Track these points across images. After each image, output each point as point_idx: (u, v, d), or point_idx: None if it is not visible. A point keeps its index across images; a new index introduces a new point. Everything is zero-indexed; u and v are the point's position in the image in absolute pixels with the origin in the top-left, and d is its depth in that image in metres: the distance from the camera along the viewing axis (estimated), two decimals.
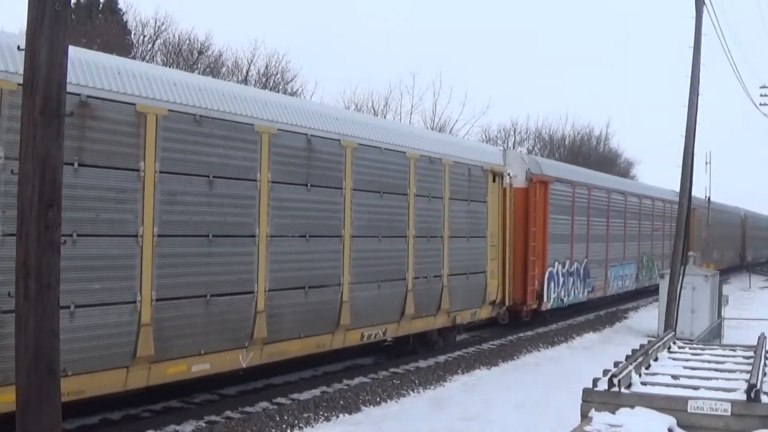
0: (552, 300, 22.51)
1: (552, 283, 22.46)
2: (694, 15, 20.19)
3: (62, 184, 6.54)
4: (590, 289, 25.57)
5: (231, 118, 11.26)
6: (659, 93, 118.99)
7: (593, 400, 7.42)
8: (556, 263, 22.74)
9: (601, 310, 28.06)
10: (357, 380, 14.48)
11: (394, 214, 15.05)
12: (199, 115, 10.71)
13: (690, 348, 10.61)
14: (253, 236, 11.61)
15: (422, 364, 16.43)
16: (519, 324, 21.76)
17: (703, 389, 7.59)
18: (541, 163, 22.82)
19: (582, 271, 24.82)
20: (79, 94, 9.06)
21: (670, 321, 19.67)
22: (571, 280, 23.91)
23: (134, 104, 9.78)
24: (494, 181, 18.68)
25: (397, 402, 13.65)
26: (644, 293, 33.71)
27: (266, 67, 39.15)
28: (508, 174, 19.59)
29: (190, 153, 10.58)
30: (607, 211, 27.19)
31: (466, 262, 17.54)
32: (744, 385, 7.30)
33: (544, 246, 21.87)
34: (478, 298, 18.23)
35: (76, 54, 9.02)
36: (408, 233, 15.40)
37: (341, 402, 12.94)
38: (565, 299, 23.43)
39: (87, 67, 9.32)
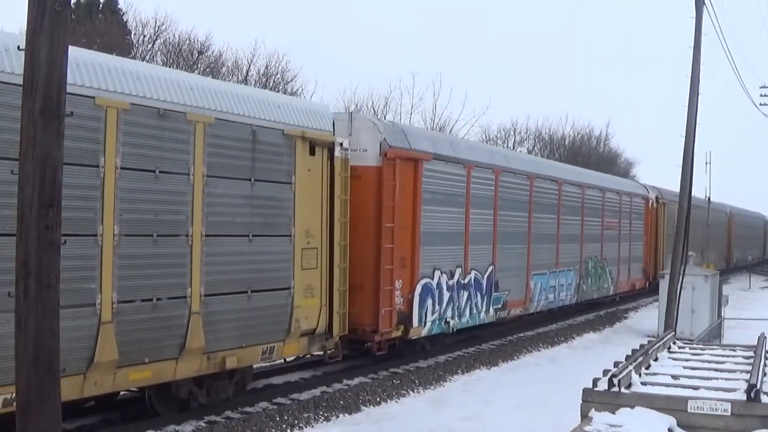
0: (429, 323, 16.11)
1: (429, 301, 16.09)
2: (694, 15, 20.21)
3: (62, 184, 6.54)
4: (500, 306, 19.09)
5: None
6: (659, 93, 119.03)
7: (593, 400, 7.43)
8: (438, 273, 16.39)
9: (601, 310, 28.05)
10: (357, 380, 14.48)
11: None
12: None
13: (690, 348, 10.61)
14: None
15: (422, 364, 16.43)
16: (377, 359, 15.70)
17: (703, 389, 7.59)
18: (409, 133, 16.21)
19: (485, 283, 18.27)
20: None
21: (670, 321, 19.68)
22: (466, 294, 17.41)
23: None
24: (312, 153, 12.85)
25: (397, 402, 13.66)
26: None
27: (266, 67, 39.16)
28: (341, 145, 13.54)
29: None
30: (528, 204, 20.63)
31: (248, 274, 11.62)
32: (744, 385, 7.31)
33: (414, 249, 15.59)
34: (276, 328, 12.15)
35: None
36: (101, 230, 9.59)
37: (341, 402, 12.95)
38: (453, 321, 16.92)
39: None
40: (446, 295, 16.73)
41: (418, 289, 15.74)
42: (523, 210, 20.48)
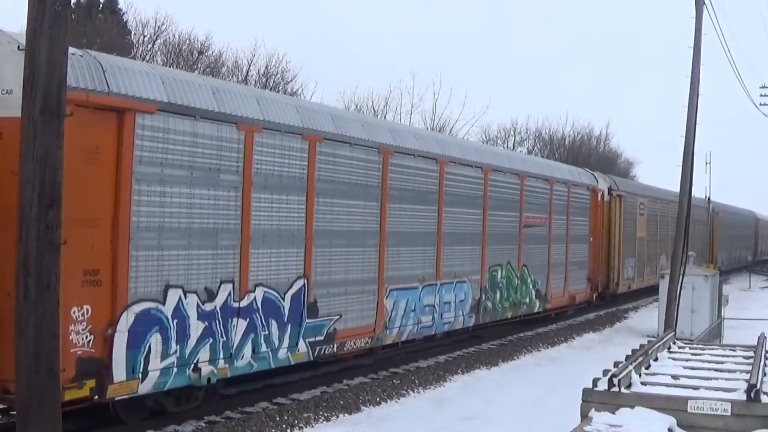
0: (156, 374, 9.95)
1: (156, 337, 9.89)
2: (694, 15, 20.23)
3: (62, 184, 6.54)
4: (322, 338, 12.89)
5: None
6: (659, 93, 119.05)
7: (593, 400, 7.43)
8: (176, 293, 10.25)
9: (602, 311, 28.06)
10: (357, 380, 14.48)
11: None
12: None
13: (690, 348, 10.62)
14: None
15: (422, 364, 16.42)
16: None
17: (703, 389, 7.60)
18: (114, 67, 9.49)
19: (289, 305, 12.16)
20: None
21: (670, 321, 19.68)
22: (244, 324, 11.27)
23: None
24: None
25: (397, 402, 13.65)
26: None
27: (266, 67, 39.15)
28: None
29: None
30: (381, 190, 14.24)
31: None
32: (744, 385, 7.31)
33: (117, 255, 9.38)
34: None
35: None
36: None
37: (341, 402, 12.94)
38: (210, 368, 10.76)
39: None
40: (196, 327, 10.46)
41: (127, 319, 9.47)
42: (370, 198, 14.09)
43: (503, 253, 19.34)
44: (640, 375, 8.15)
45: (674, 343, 10.53)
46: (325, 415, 12.27)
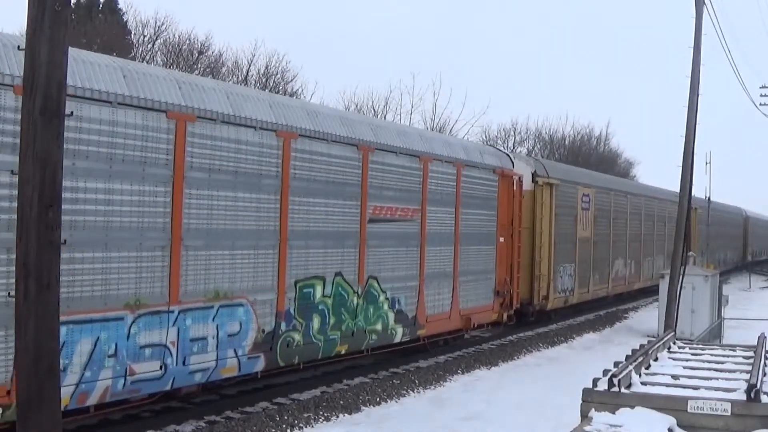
0: None
1: None
2: (694, 15, 20.22)
3: (62, 184, 6.54)
4: None
5: None
6: (659, 93, 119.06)
7: (593, 400, 7.43)
8: None
9: (602, 311, 28.05)
10: (357, 380, 14.48)
11: None
12: None
13: (690, 348, 10.62)
14: None
15: (422, 364, 16.43)
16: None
17: (703, 389, 7.60)
18: None
19: None
20: None
21: (670, 321, 19.68)
22: None
23: None
24: None
25: (397, 402, 13.65)
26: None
27: (266, 67, 39.16)
28: None
29: None
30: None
31: None
32: (744, 385, 7.31)
33: None
34: None
35: None
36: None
37: (341, 402, 12.95)
38: None
39: None
40: None
41: None
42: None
43: (327, 260, 13.14)
44: (640, 375, 8.15)
45: (674, 343, 10.53)
46: (325, 415, 12.28)
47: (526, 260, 21.20)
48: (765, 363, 8.55)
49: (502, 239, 19.03)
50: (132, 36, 36.88)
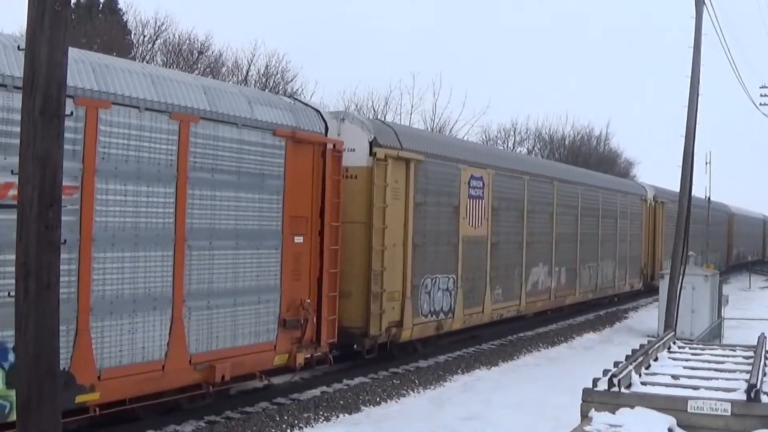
0: None
1: None
2: (694, 15, 20.22)
3: (62, 184, 6.55)
4: None
5: None
6: (659, 93, 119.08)
7: (593, 400, 7.43)
8: None
9: (601, 311, 28.03)
10: (357, 380, 14.48)
11: None
12: None
13: (690, 348, 10.61)
14: None
15: (422, 364, 16.43)
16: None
17: (703, 389, 7.59)
18: None
19: None
20: None
21: (670, 321, 19.68)
22: None
23: None
24: None
25: (397, 402, 13.66)
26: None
27: (266, 67, 39.13)
28: None
29: None
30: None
31: None
32: (744, 385, 7.31)
33: None
34: None
35: None
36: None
37: (341, 402, 12.95)
38: None
39: None
40: None
41: None
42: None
43: None
44: (640, 375, 8.14)
45: (674, 343, 10.53)
46: (325, 415, 12.28)
47: (361, 270, 14.44)
48: (765, 363, 8.55)
49: (299, 239, 12.67)
50: (132, 36, 36.87)
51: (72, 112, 8.54)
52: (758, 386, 7.15)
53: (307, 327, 12.72)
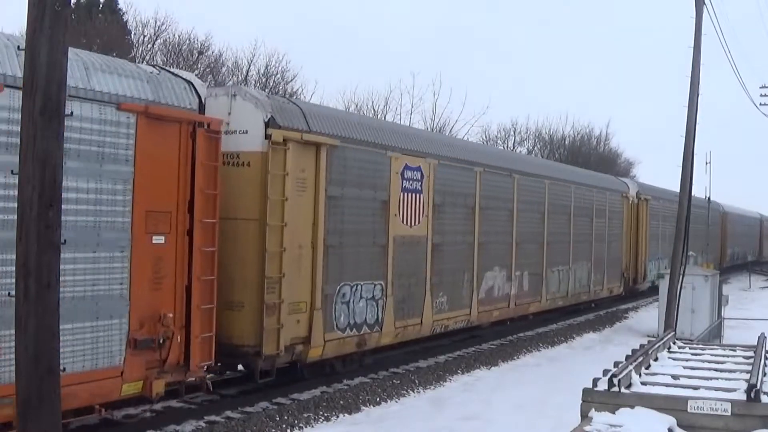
0: None
1: None
2: (694, 15, 20.23)
3: (62, 184, 6.55)
4: None
5: None
6: (659, 93, 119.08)
7: (593, 400, 7.42)
8: None
9: (601, 310, 28.03)
10: (357, 380, 14.48)
11: None
12: None
13: (690, 348, 10.61)
14: None
15: (422, 364, 16.43)
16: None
17: (703, 389, 7.59)
18: None
19: None
20: None
21: (670, 321, 19.69)
22: None
23: None
24: None
25: (397, 402, 13.66)
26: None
27: (266, 67, 39.12)
28: None
29: None
30: None
31: None
32: (744, 385, 7.30)
33: None
34: None
35: None
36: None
37: (341, 402, 12.95)
38: None
39: None
40: None
41: None
42: None
43: None
44: (640, 375, 8.14)
45: (674, 343, 10.52)
46: (325, 415, 12.28)
47: (255, 277, 11.98)
48: (765, 363, 8.55)
49: (159, 239, 10.29)
50: (132, 36, 36.88)
51: None
52: (758, 386, 7.14)
53: (171, 347, 10.22)
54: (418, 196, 15.67)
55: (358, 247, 14.00)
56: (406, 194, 15.27)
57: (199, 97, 10.93)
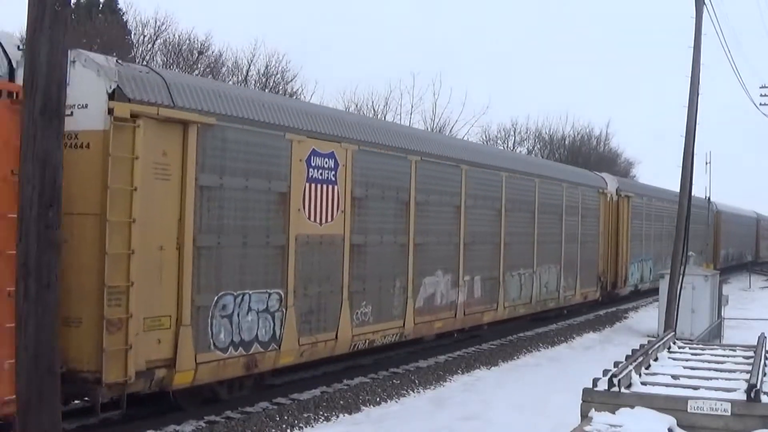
0: None
1: None
2: (694, 15, 20.22)
3: (62, 184, 6.56)
4: None
5: None
6: (659, 93, 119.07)
7: (593, 400, 7.42)
8: None
9: (601, 310, 28.03)
10: (357, 380, 14.48)
11: None
12: None
13: (690, 348, 10.61)
14: None
15: (422, 364, 16.43)
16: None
17: (703, 389, 7.59)
18: None
19: None
20: None
21: (670, 321, 19.69)
22: None
23: None
24: None
25: (397, 402, 13.66)
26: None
27: (266, 67, 39.13)
28: None
29: None
30: None
31: None
32: (744, 385, 7.31)
33: None
34: None
35: None
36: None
37: (341, 402, 12.95)
38: None
39: None
40: None
41: None
42: None
43: None
44: (640, 375, 8.14)
45: (674, 343, 10.53)
46: (325, 415, 12.28)
47: (95, 286, 9.60)
48: (765, 363, 8.55)
49: None
50: (132, 36, 36.88)
51: None
52: (758, 386, 7.15)
53: None
54: (331, 188, 13.14)
55: (245, 249, 11.52)
56: (313, 186, 12.88)
57: (9, 59, 8.89)
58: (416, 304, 15.62)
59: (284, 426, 11.52)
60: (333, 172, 13.26)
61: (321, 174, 13.02)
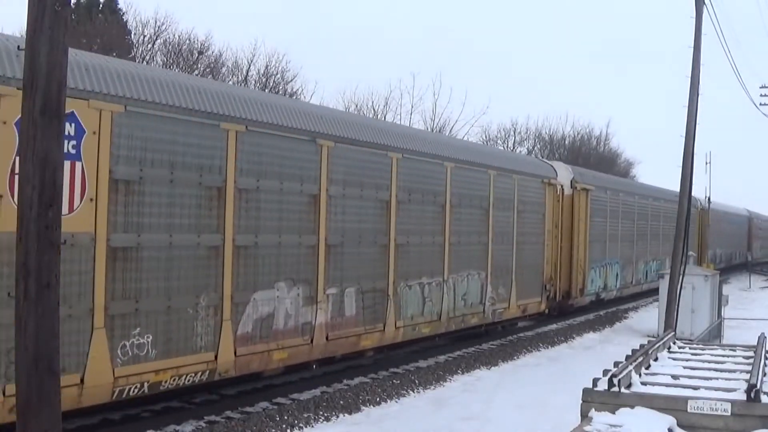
0: None
1: None
2: (694, 15, 20.21)
3: (62, 184, 6.55)
4: None
5: None
6: (659, 93, 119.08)
7: (593, 400, 7.43)
8: None
9: (601, 310, 28.03)
10: (357, 380, 14.49)
11: None
12: None
13: (690, 348, 10.61)
14: None
15: (422, 364, 16.43)
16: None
17: (703, 389, 7.59)
18: None
19: None
20: None
21: (670, 321, 19.69)
22: None
23: None
24: None
25: (397, 402, 13.66)
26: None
27: (266, 67, 39.14)
28: None
29: None
30: None
31: None
32: (744, 385, 7.31)
33: None
34: None
35: None
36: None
37: (341, 402, 12.95)
38: None
39: None
40: None
41: None
42: None
43: None
44: (640, 375, 8.15)
45: (674, 343, 10.53)
46: (325, 415, 12.28)
47: None
48: (765, 363, 8.55)
49: None
50: (132, 36, 36.88)
51: None
52: (758, 386, 7.15)
53: None
54: (70, 165, 8.84)
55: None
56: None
57: None
58: (239, 329, 11.35)
59: (284, 426, 11.52)
60: (75, 142, 9.04)
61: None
